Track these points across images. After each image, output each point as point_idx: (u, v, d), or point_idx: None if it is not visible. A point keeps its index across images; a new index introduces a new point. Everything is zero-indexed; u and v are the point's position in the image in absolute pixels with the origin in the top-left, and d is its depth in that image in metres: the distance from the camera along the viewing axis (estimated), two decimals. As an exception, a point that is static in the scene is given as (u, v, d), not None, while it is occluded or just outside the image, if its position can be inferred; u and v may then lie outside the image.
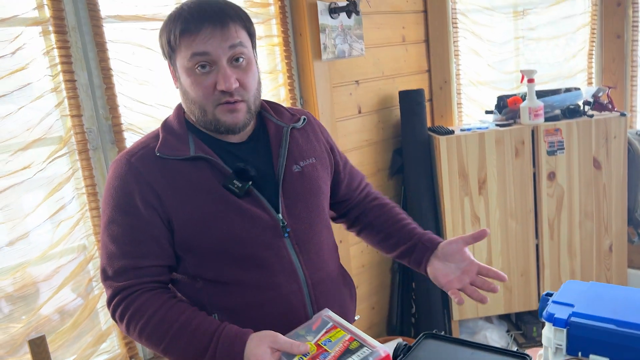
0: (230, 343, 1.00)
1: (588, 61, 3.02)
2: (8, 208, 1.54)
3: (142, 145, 1.12)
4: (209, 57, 1.04)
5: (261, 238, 1.10)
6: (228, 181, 1.08)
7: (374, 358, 0.96)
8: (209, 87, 1.05)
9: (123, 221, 1.07)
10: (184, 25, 1.03)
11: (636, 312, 1.11)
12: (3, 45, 1.49)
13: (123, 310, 1.06)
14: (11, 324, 1.55)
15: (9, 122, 1.52)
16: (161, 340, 1.04)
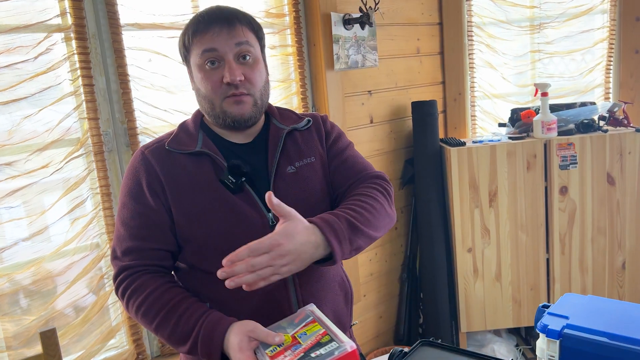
0: (212, 329, 1.05)
1: (605, 76, 3.00)
2: (26, 205, 1.61)
3: (157, 140, 1.22)
4: (217, 53, 1.12)
5: (249, 234, 1.12)
6: (224, 176, 1.15)
7: (339, 352, 0.97)
8: (217, 81, 1.13)
9: (132, 207, 1.15)
10: (196, 26, 1.14)
11: (631, 326, 1.11)
12: (27, 50, 1.57)
13: (125, 287, 1.13)
14: (24, 316, 1.61)
15: (30, 123, 1.59)
16: (153, 320, 1.10)
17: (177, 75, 1.85)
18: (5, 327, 1.60)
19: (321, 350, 0.98)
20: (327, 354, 0.97)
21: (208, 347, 1.04)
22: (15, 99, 1.56)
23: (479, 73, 2.98)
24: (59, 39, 1.64)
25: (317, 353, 0.98)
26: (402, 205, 2.85)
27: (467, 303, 2.72)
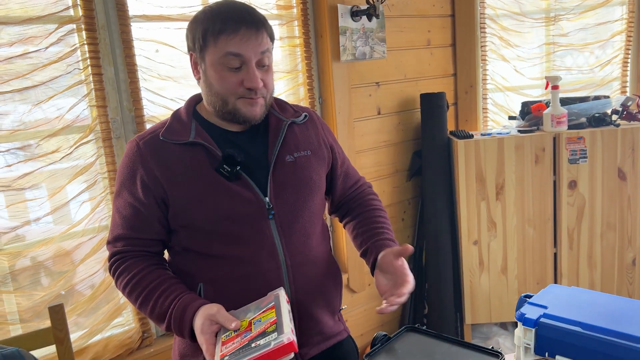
0: (182, 311, 1.13)
1: (622, 69, 2.95)
2: (37, 188, 1.70)
3: (151, 130, 1.25)
4: (242, 59, 1.15)
5: (247, 217, 1.20)
6: (219, 165, 1.19)
7: (275, 343, 0.97)
8: (235, 83, 1.16)
9: (125, 197, 1.21)
10: (222, 25, 1.13)
11: (607, 317, 1.13)
12: (39, 40, 1.65)
13: (115, 268, 1.23)
14: (35, 291, 1.71)
15: (41, 110, 1.68)
16: (137, 299, 1.19)
17: (184, 66, 1.92)
18: (18, 302, 1.70)
19: (261, 341, 0.99)
20: (264, 345, 0.97)
21: (179, 327, 1.13)
22: (27, 87, 1.64)
23: (491, 66, 2.96)
24: (69, 30, 1.71)
25: (256, 343, 0.99)
26: (409, 197, 2.87)
27: (472, 295, 2.73)
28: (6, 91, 1.62)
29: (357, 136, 2.54)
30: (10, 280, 1.68)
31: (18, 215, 1.68)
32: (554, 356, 1.13)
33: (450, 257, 2.76)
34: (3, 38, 1.60)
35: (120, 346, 1.88)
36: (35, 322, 1.70)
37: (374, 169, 2.68)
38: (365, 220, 1.38)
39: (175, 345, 1.31)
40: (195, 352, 1.23)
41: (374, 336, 1.24)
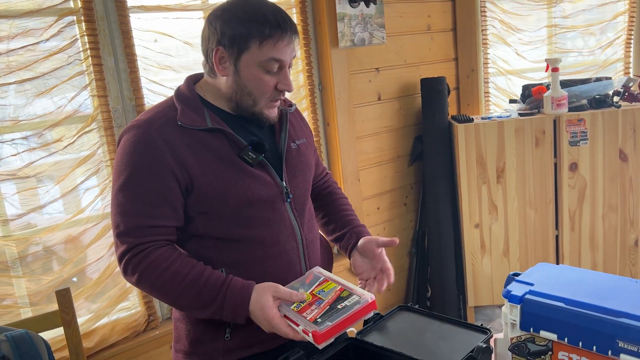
0: (238, 293, 1.14)
1: (625, 50, 2.93)
2: (42, 176, 1.76)
3: (161, 114, 1.19)
4: (281, 63, 1.18)
5: (268, 201, 1.24)
6: (244, 152, 1.21)
7: (363, 302, 1.11)
8: (271, 86, 1.19)
9: (142, 183, 1.15)
10: (271, 31, 1.14)
11: (591, 293, 1.15)
12: (39, 32, 1.70)
13: (135, 265, 1.15)
14: (42, 276, 1.78)
15: (44, 101, 1.73)
16: (172, 292, 1.16)
17: (182, 55, 1.96)
18: (27, 286, 1.77)
19: (345, 302, 1.12)
20: (352, 305, 1.10)
21: (235, 310, 1.14)
22: (29, 78, 1.69)
23: (492, 49, 2.96)
24: (69, 22, 1.76)
25: (342, 305, 1.11)
26: (411, 182, 2.89)
27: (475, 278, 2.76)
28: (9, 82, 1.68)
29: (358, 122, 2.57)
30: (20, 265, 1.75)
31: (24, 203, 1.74)
32: (538, 331, 1.15)
33: (452, 241, 2.79)
34: (4, 31, 1.65)
35: (126, 329, 1.94)
36: (44, 305, 1.77)
37: (375, 154, 2.70)
38: (336, 209, 1.48)
39: (182, 332, 1.29)
40: (211, 336, 1.24)
41: (367, 314, 1.28)
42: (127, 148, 1.16)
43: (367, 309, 1.12)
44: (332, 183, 1.55)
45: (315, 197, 1.50)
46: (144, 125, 1.17)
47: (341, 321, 1.08)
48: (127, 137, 1.18)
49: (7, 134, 1.71)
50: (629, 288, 1.14)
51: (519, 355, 1.16)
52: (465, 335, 1.23)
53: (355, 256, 1.39)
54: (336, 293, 1.15)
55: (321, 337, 1.05)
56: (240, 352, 1.25)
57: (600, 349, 1.03)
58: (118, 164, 1.18)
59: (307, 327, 1.07)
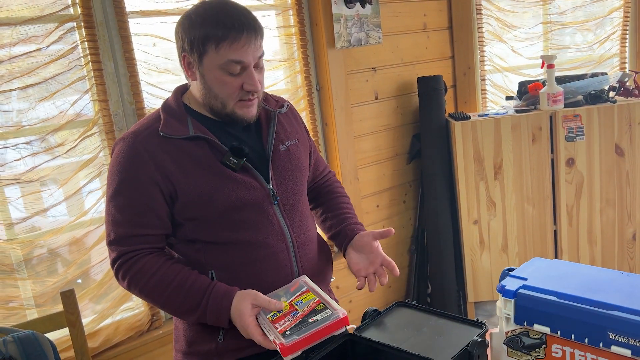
0: (220, 299, 1.18)
1: (621, 45, 2.95)
2: (45, 180, 1.79)
3: (146, 126, 1.24)
4: (243, 65, 1.18)
5: (255, 204, 1.26)
6: (225, 158, 1.23)
7: (333, 318, 1.12)
8: (236, 87, 1.20)
9: (128, 194, 1.20)
10: (225, 32, 1.15)
11: (583, 287, 1.18)
12: (40, 39, 1.73)
13: (125, 271, 1.21)
14: (47, 278, 1.81)
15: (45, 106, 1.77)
16: (160, 297, 1.21)
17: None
18: (33, 288, 1.80)
19: (317, 317, 1.13)
20: (323, 319, 1.11)
21: (217, 315, 1.18)
22: (31, 84, 1.72)
23: (488, 47, 2.98)
24: (69, 28, 1.79)
25: (313, 319, 1.12)
26: (410, 180, 2.92)
27: (474, 274, 2.79)
28: (12, 89, 1.71)
29: (356, 121, 2.59)
30: (25, 268, 1.78)
31: (28, 206, 1.77)
32: (532, 325, 1.18)
33: (451, 237, 2.81)
34: (7, 38, 1.68)
35: (130, 329, 1.97)
36: (49, 306, 1.80)
37: (373, 153, 2.73)
38: (333, 206, 1.48)
39: (180, 332, 1.33)
40: (205, 338, 1.28)
41: (365, 311, 1.30)
42: (115, 160, 1.23)
43: (337, 325, 1.12)
44: (333, 182, 1.55)
45: (315, 196, 1.52)
46: (129, 138, 1.22)
47: (308, 335, 1.09)
48: (116, 149, 1.24)
49: (11, 139, 1.74)
50: (619, 281, 1.16)
51: (513, 349, 1.18)
52: (461, 330, 1.26)
53: (350, 253, 1.37)
54: (312, 305, 1.16)
55: (287, 350, 1.06)
56: (233, 354, 1.27)
57: (591, 341, 1.06)
58: (108, 175, 1.25)
59: (275, 339, 1.09)
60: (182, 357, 1.32)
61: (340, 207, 1.48)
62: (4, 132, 1.73)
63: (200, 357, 1.29)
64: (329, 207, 1.49)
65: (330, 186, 1.54)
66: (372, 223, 2.74)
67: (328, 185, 1.54)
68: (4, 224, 1.73)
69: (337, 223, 1.44)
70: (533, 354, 1.16)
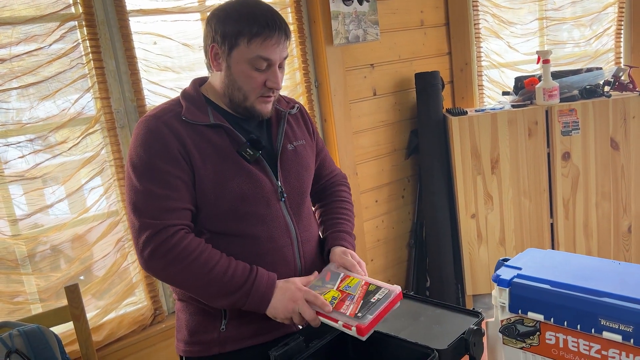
0: (265, 282, 1.21)
1: (616, 40, 2.97)
2: (48, 177, 1.82)
3: (167, 110, 1.26)
4: (269, 62, 1.22)
5: (264, 198, 1.28)
6: (242, 148, 1.26)
7: (393, 295, 1.18)
8: (260, 83, 1.23)
9: (160, 168, 1.19)
10: (259, 29, 1.19)
11: (576, 275, 1.20)
12: (42, 38, 1.76)
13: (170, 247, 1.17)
14: (52, 273, 1.84)
15: (48, 104, 1.79)
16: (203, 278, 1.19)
17: (181, 56, 2.01)
18: (37, 283, 1.83)
19: (377, 296, 1.17)
20: (384, 298, 1.17)
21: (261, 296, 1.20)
22: (34, 83, 1.75)
23: (485, 43, 3.01)
24: (71, 27, 1.81)
25: (375, 298, 1.17)
26: (408, 175, 2.95)
27: (472, 267, 2.82)
28: (15, 87, 1.73)
29: (354, 117, 2.62)
30: (29, 263, 1.81)
31: (31, 203, 1.80)
32: (526, 313, 1.20)
33: (450, 231, 2.85)
34: (9, 37, 1.70)
35: (133, 323, 2.00)
36: (53, 301, 1.83)
37: (372, 148, 2.76)
38: (329, 210, 1.50)
39: (182, 322, 1.36)
40: (207, 327, 1.30)
41: (363, 302, 1.34)
42: (140, 139, 1.22)
43: (397, 299, 1.19)
44: (338, 185, 1.56)
45: (318, 198, 1.54)
46: (152, 119, 1.24)
47: (379, 313, 1.13)
48: (137, 130, 1.24)
49: (14, 137, 1.77)
50: (611, 269, 1.19)
51: (509, 337, 1.21)
52: (458, 319, 1.29)
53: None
54: (363, 288, 1.21)
55: (365, 329, 1.10)
56: (234, 344, 1.30)
57: (584, 327, 1.08)
58: (133, 155, 1.22)
59: (348, 322, 1.12)
60: (184, 346, 1.34)
61: (335, 211, 1.49)
62: (8, 130, 1.75)
63: (202, 346, 1.31)
64: (325, 210, 1.51)
65: (334, 188, 1.55)
66: (371, 218, 2.77)
67: (332, 188, 1.55)
68: (8, 220, 1.76)
69: (326, 228, 1.47)
70: (527, 341, 1.19)
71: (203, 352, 1.31)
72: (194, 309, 1.31)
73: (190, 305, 1.32)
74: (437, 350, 1.09)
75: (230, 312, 1.27)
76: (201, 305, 1.29)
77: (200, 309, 1.30)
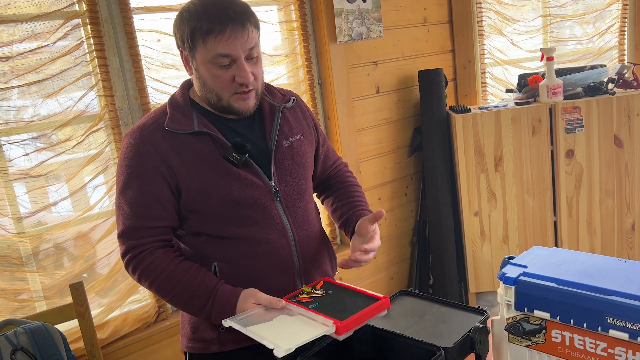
0: (225, 302, 1.21)
1: (619, 38, 2.96)
2: (53, 175, 1.82)
3: (152, 120, 1.26)
4: (231, 57, 1.17)
5: (256, 201, 1.27)
6: (228, 153, 1.24)
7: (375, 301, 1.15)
8: (227, 80, 1.19)
9: (136, 186, 1.21)
10: (209, 25, 1.14)
11: (582, 273, 1.20)
12: (47, 35, 1.75)
13: (135, 265, 1.23)
14: (56, 271, 1.84)
15: (52, 102, 1.79)
16: (168, 294, 1.24)
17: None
18: (42, 281, 1.84)
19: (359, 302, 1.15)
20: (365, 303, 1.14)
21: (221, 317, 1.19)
22: (39, 80, 1.75)
23: (488, 40, 3.00)
24: (75, 25, 1.81)
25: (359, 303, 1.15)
26: (411, 172, 2.95)
27: (475, 265, 2.82)
28: (19, 85, 1.73)
29: (357, 115, 2.62)
30: (34, 261, 1.81)
31: (36, 201, 1.80)
32: (532, 311, 1.20)
33: (453, 229, 2.84)
34: (13, 35, 1.70)
35: (137, 320, 2.01)
36: (57, 299, 1.83)
37: (375, 146, 2.76)
38: (343, 195, 1.48)
39: (186, 318, 1.37)
40: (208, 326, 1.31)
41: (368, 298, 1.33)
42: (123, 154, 1.25)
43: (382, 306, 1.15)
44: (344, 172, 1.55)
45: (326, 187, 1.52)
46: (136, 132, 1.24)
47: (358, 315, 1.10)
48: (124, 144, 1.26)
49: (17, 135, 1.76)
50: (617, 267, 1.19)
51: (514, 335, 1.21)
52: (463, 317, 1.29)
53: (353, 239, 1.37)
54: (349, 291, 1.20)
55: (342, 328, 1.08)
56: (234, 343, 1.30)
57: (590, 325, 1.08)
58: (117, 169, 1.27)
59: (325, 321, 1.09)
60: (187, 342, 1.35)
61: (349, 195, 1.47)
62: (11, 128, 1.75)
63: (203, 343, 1.32)
64: (338, 196, 1.48)
65: (341, 176, 1.53)
66: (374, 215, 2.77)
67: (339, 176, 1.53)
68: (13, 217, 1.76)
69: (345, 211, 1.44)
70: (533, 339, 1.19)
71: (204, 349, 1.32)
72: None
73: None
74: (443, 349, 1.09)
75: None
76: None
77: None
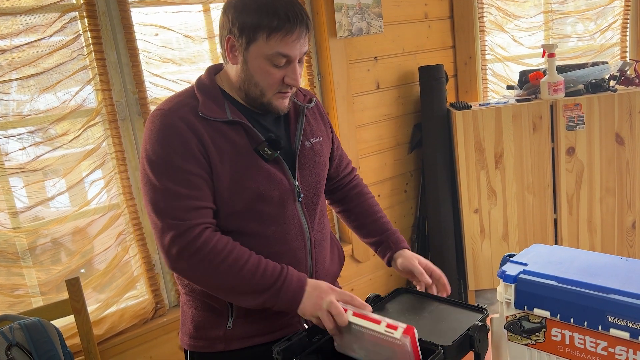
0: (296, 280, 1.17)
1: (622, 34, 2.94)
2: (49, 169, 1.80)
3: (183, 103, 1.19)
4: (289, 58, 1.16)
5: (281, 199, 1.25)
6: (260, 147, 1.21)
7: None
8: (278, 78, 1.18)
9: (180, 167, 1.14)
10: (279, 23, 1.12)
11: (582, 271, 1.19)
12: (43, 28, 1.74)
13: (195, 250, 1.13)
14: (52, 266, 1.83)
15: (49, 96, 1.78)
16: (233, 278, 1.15)
17: (182, 48, 1.99)
18: (38, 276, 1.82)
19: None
20: None
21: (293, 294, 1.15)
22: (35, 74, 1.73)
23: (490, 36, 2.98)
24: (72, 18, 1.79)
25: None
26: (411, 169, 2.93)
27: (475, 262, 2.81)
28: (15, 78, 1.72)
29: (357, 111, 2.60)
30: (30, 256, 1.80)
31: (33, 196, 1.79)
32: (532, 309, 1.19)
33: (452, 226, 2.83)
34: (9, 28, 1.69)
35: (135, 316, 2.00)
36: (54, 294, 1.82)
37: (375, 142, 2.74)
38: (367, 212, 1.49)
39: (188, 316, 1.33)
40: (214, 324, 1.28)
41: (367, 297, 1.32)
42: (156, 135, 1.16)
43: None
44: (359, 182, 1.54)
45: (343, 197, 1.51)
46: (168, 113, 1.17)
47: None
48: (152, 125, 1.18)
49: (14, 129, 1.75)
50: (618, 266, 1.18)
51: (514, 333, 1.19)
52: (462, 315, 1.28)
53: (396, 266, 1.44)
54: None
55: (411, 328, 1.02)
56: (240, 342, 1.27)
57: (590, 324, 1.07)
58: (149, 151, 1.16)
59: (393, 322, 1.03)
60: (188, 340, 1.32)
61: (372, 211, 1.49)
62: (8, 122, 1.74)
63: (206, 341, 1.29)
64: (362, 214, 1.49)
65: (358, 187, 1.53)
66: (373, 212, 2.75)
67: (355, 186, 1.52)
68: (9, 212, 1.75)
69: (375, 232, 1.47)
70: (533, 338, 1.18)
71: (208, 347, 1.29)
72: (201, 304, 1.28)
73: (196, 300, 1.29)
74: (442, 347, 1.08)
75: (237, 309, 1.24)
76: (208, 301, 1.26)
77: (206, 304, 1.27)
